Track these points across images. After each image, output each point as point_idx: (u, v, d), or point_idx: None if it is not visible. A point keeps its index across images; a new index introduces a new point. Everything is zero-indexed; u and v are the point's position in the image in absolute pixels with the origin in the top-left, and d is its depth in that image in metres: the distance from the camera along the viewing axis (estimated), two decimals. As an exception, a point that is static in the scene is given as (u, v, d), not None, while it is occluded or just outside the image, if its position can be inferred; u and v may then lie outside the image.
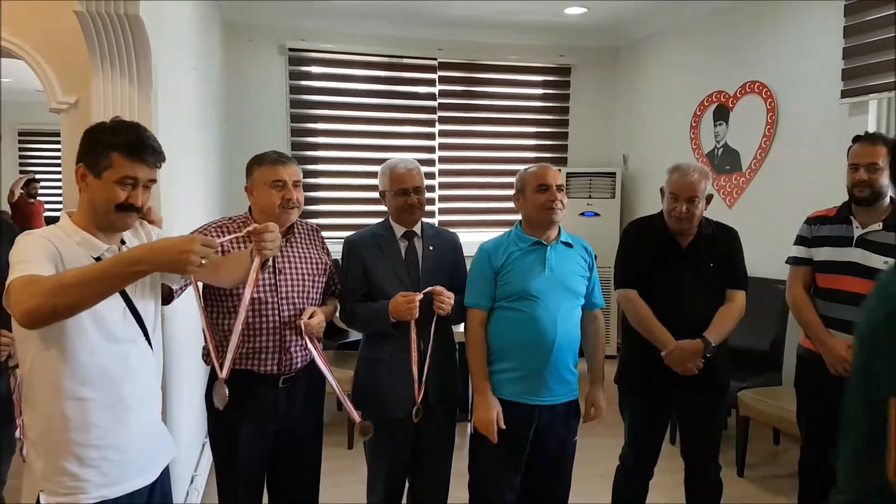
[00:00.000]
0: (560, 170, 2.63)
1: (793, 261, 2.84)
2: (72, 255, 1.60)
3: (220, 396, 1.97)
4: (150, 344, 1.76)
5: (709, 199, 2.59)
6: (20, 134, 8.54)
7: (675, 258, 2.62)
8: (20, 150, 8.91)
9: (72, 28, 2.25)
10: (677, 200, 2.55)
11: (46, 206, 8.24)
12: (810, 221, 2.82)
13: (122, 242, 1.76)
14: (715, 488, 2.72)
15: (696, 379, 2.54)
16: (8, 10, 2.46)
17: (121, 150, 1.63)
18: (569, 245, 2.51)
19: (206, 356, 2.28)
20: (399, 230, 2.54)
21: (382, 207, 2.61)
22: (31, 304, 1.42)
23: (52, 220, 7.62)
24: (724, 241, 2.65)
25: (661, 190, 2.65)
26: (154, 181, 1.71)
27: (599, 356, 2.62)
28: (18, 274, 1.48)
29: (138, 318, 1.72)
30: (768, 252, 3.55)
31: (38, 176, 8.21)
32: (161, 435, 1.85)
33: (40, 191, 8.13)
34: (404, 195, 2.48)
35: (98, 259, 1.63)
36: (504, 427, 2.38)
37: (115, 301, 1.64)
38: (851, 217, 2.68)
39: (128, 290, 1.66)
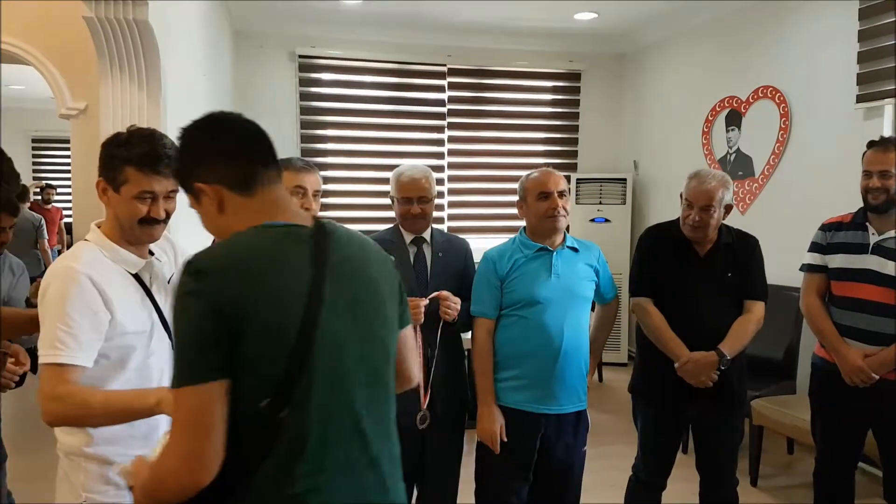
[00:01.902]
0: (569, 175, 2.60)
1: (807, 268, 2.79)
2: (109, 279, 1.58)
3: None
4: None
5: (727, 208, 2.53)
6: (33, 141, 8.61)
7: (691, 267, 2.57)
8: (33, 156, 9.00)
9: (81, 34, 2.26)
10: (691, 208, 2.50)
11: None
12: (825, 228, 2.77)
13: (151, 254, 1.74)
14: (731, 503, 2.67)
15: (711, 391, 2.48)
16: (18, 17, 2.47)
17: (134, 164, 1.58)
18: (574, 250, 2.48)
19: None
20: (408, 236, 2.52)
21: (392, 214, 2.59)
22: (53, 415, 1.47)
23: (69, 227, 7.61)
24: (743, 250, 2.58)
25: (681, 195, 2.61)
26: (176, 190, 1.63)
27: (598, 340, 2.66)
28: (52, 359, 1.46)
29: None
30: (782, 259, 3.51)
31: (52, 182, 8.27)
32: None
33: (55, 197, 8.20)
34: (407, 204, 2.46)
35: (136, 276, 1.65)
36: (506, 440, 2.36)
37: (161, 334, 1.69)
38: (867, 223, 2.63)
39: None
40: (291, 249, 1.18)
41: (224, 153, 1.23)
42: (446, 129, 6.07)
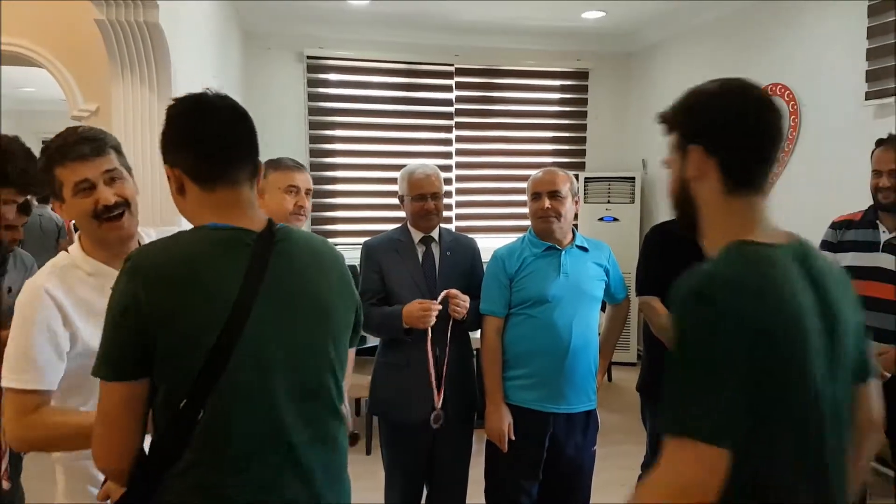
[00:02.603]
0: (577, 174, 2.61)
1: (817, 266, 2.78)
2: (80, 296, 1.46)
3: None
4: None
5: None
6: (43, 143, 8.63)
7: (698, 264, 2.57)
8: (44, 158, 9.04)
9: (92, 36, 2.29)
10: None
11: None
12: (835, 226, 2.76)
13: None
14: None
15: None
16: (29, 20, 2.50)
17: (57, 161, 1.47)
18: (584, 249, 2.48)
19: None
20: (417, 235, 2.53)
21: (399, 214, 2.60)
22: (19, 440, 1.42)
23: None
24: None
25: None
26: (114, 169, 1.49)
27: (610, 340, 2.68)
28: (12, 384, 1.39)
29: None
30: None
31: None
32: None
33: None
34: (421, 200, 2.48)
35: None
36: (514, 438, 2.36)
37: None
38: (878, 221, 2.62)
39: None
40: (225, 257, 1.18)
41: (195, 144, 1.22)
42: (454, 128, 6.07)
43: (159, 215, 2.45)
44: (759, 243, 1.14)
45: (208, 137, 1.22)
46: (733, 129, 1.13)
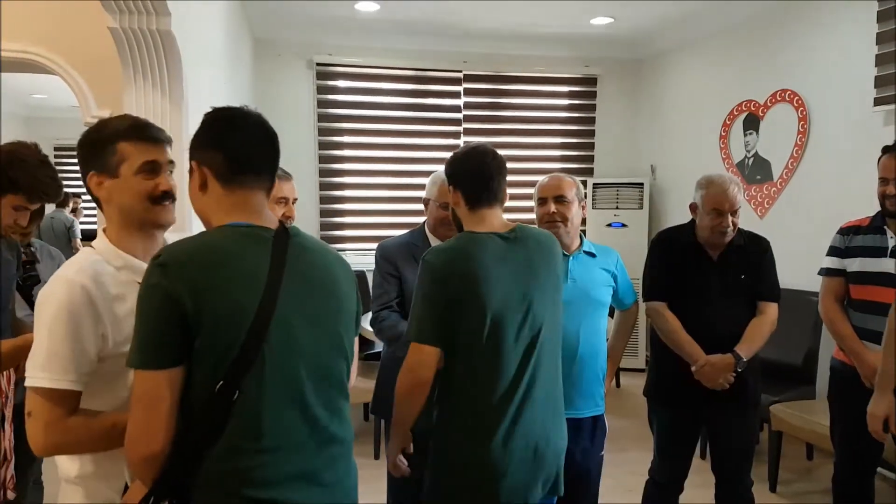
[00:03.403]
0: (586, 180, 2.62)
1: (825, 272, 2.78)
2: (110, 291, 1.39)
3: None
4: None
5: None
6: (56, 149, 8.74)
7: (705, 270, 2.57)
8: (56, 164, 9.12)
9: (105, 44, 2.32)
10: (722, 215, 2.49)
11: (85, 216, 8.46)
12: (843, 232, 2.76)
13: None
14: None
15: (726, 392, 2.49)
16: (43, 27, 2.53)
17: (125, 136, 1.44)
18: (591, 255, 2.49)
19: None
20: (434, 241, 2.53)
21: (409, 220, 2.62)
22: (50, 448, 1.34)
23: (92, 235, 7.85)
24: (755, 252, 2.60)
25: (692, 206, 2.61)
26: (172, 162, 1.52)
27: (618, 346, 2.70)
28: (39, 382, 1.31)
29: None
30: (801, 263, 3.49)
31: (76, 191, 8.40)
32: None
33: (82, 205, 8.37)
34: (446, 209, 2.47)
35: None
36: None
37: None
38: (885, 227, 2.62)
39: None
40: (250, 248, 1.29)
41: (228, 144, 1.34)
42: (462, 135, 6.09)
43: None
44: (476, 232, 1.87)
45: (241, 142, 1.36)
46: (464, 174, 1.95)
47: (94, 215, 6.16)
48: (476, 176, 1.93)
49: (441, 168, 2.46)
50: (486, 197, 1.91)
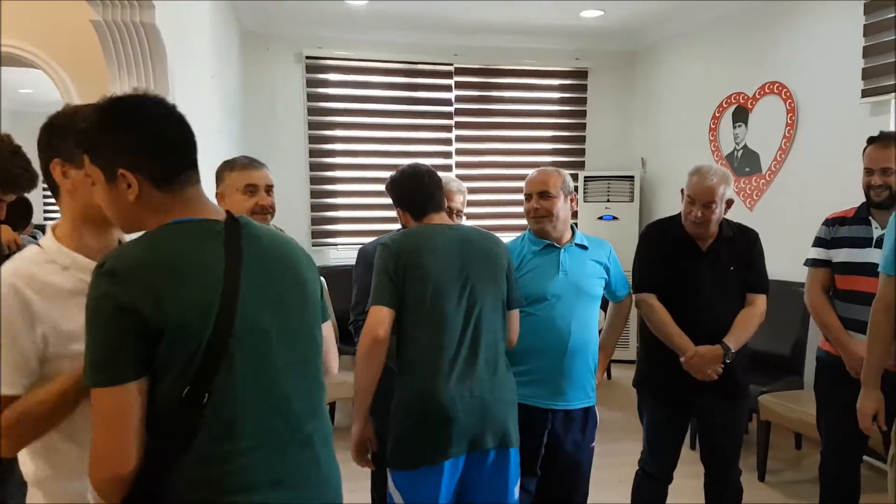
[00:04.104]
0: (577, 173, 2.63)
1: (811, 263, 2.80)
2: (53, 290, 1.32)
3: None
4: None
5: (729, 203, 2.54)
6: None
7: (693, 261, 2.58)
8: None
9: (88, 37, 2.29)
10: (693, 204, 2.50)
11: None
12: (829, 223, 2.77)
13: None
14: (735, 493, 2.68)
15: (715, 383, 2.51)
16: (25, 20, 2.51)
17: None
18: (583, 247, 2.50)
19: None
20: None
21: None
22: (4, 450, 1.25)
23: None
24: (744, 244, 2.60)
25: (682, 191, 2.62)
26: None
27: (611, 338, 2.72)
28: None
29: None
30: (790, 254, 3.50)
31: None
32: None
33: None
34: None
35: None
36: None
37: None
38: (870, 218, 2.63)
39: None
40: (204, 245, 1.21)
41: (153, 148, 1.21)
42: (454, 128, 6.08)
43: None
44: (425, 224, 2.16)
45: (165, 139, 1.23)
46: (408, 195, 2.26)
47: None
48: (418, 195, 2.18)
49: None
50: (430, 208, 2.18)
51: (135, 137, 1.21)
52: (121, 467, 1.10)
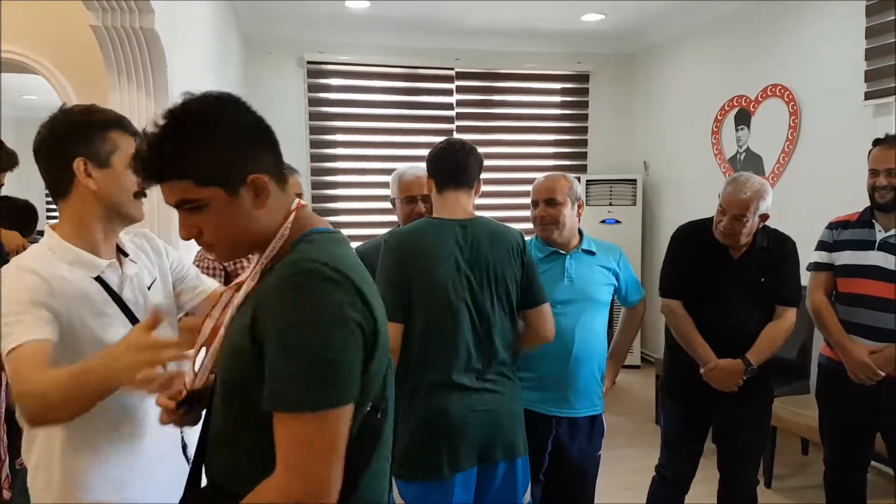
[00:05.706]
0: (579, 177, 2.61)
1: (814, 266, 2.77)
2: (63, 283, 1.33)
3: None
4: None
5: (763, 217, 2.46)
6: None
7: (723, 270, 2.51)
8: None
9: (88, 43, 2.28)
10: (724, 214, 2.44)
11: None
12: (832, 226, 2.75)
13: (125, 255, 1.50)
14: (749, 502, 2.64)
15: (740, 390, 2.46)
16: (26, 27, 2.50)
17: (116, 126, 1.40)
18: (591, 253, 2.46)
19: None
20: None
21: (395, 218, 2.59)
22: (36, 401, 1.19)
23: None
24: (779, 253, 2.52)
25: (719, 195, 2.54)
26: None
27: (622, 345, 2.67)
28: (15, 342, 1.22)
29: None
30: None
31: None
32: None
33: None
34: (411, 203, 2.46)
35: (98, 279, 1.40)
36: None
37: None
38: (874, 221, 2.61)
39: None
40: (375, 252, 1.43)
41: (266, 138, 1.13)
42: (455, 132, 6.07)
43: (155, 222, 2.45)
44: (435, 217, 2.08)
45: (266, 125, 1.15)
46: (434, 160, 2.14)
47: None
48: (443, 160, 2.10)
49: (400, 166, 2.51)
50: (452, 180, 2.08)
51: (249, 132, 1.10)
52: (330, 498, 0.99)
